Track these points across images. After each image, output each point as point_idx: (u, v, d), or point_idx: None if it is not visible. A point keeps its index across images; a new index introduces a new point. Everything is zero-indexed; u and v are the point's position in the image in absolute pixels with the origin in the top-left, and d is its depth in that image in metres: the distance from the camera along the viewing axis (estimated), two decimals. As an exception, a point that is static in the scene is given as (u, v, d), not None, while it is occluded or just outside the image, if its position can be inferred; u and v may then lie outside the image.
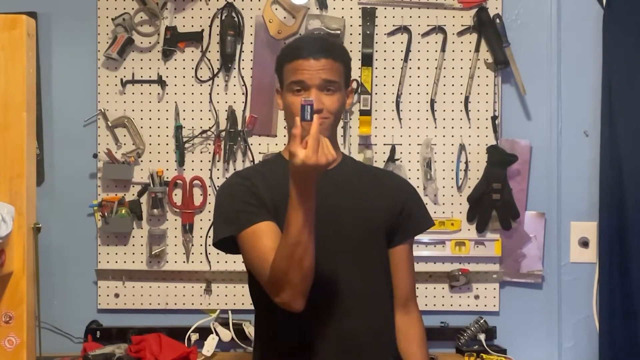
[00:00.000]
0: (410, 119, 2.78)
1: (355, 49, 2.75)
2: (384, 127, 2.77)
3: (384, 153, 2.75)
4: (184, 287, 2.78)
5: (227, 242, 1.87)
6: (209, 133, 2.77)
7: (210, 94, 2.77)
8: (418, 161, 2.77)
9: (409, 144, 2.77)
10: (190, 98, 2.78)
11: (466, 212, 2.76)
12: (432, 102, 2.77)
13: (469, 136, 2.77)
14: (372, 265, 1.91)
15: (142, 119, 2.77)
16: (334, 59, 1.86)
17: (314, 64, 1.83)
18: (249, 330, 2.66)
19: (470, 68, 2.76)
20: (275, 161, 1.99)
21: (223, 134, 2.76)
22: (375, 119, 2.77)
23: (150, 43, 2.77)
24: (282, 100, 1.91)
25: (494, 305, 2.78)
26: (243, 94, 2.78)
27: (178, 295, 2.79)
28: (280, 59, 1.92)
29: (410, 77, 2.78)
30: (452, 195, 2.77)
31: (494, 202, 2.73)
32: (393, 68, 2.78)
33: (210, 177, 2.76)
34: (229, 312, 2.73)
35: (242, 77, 2.77)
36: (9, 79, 2.02)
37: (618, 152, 2.66)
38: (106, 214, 2.72)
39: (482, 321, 2.72)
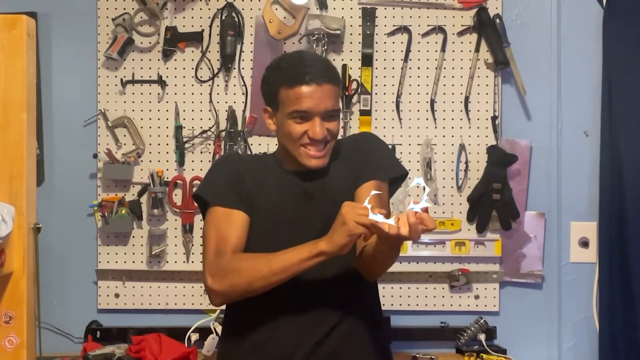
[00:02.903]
0: (410, 119, 2.78)
1: (355, 49, 2.75)
2: (384, 127, 2.77)
3: (384, 153, 2.75)
4: (184, 287, 2.78)
5: (200, 201, 1.92)
6: (209, 133, 2.77)
7: (210, 94, 2.77)
8: (418, 161, 2.77)
9: (409, 144, 2.77)
10: (190, 98, 2.78)
11: (466, 212, 2.76)
12: (432, 102, 2.77)
13: (469, 136, 2.77)
14: (357, 281, 1.85)
15: (142, 119, 2.77)
16: (334, 83, 1.81)
17: (317, 91, 1.76)
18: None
19: (470, 68, 2.76)
20: (270, 163, 1.94)
21: (223, 134, 2.76)
22: (375, 119, 2.77)
23: (150, 43, 2.78)
24: (277, 124, 1.86)
25: (494, 306, 2.78)
26: (243, 94, 2.78)
27: (178, 295, 2.79)
28: (273, 81, 1.83)
29: (410, 77, 2.78)
30: (452, 195, 2.77)
31: (494, 202, 2.72)
32: (393, 68, 2.78)
33: (210, 177, 2.76)
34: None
35: (242, 77, 2.77)
36: (9, 79, 2.03)
37: (618, 152, 2.66)
38: (106, 214, 2.72)
39: (482, 321, 2.72)
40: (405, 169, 1.96)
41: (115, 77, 2.77)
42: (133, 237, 2.77)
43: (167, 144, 2.77)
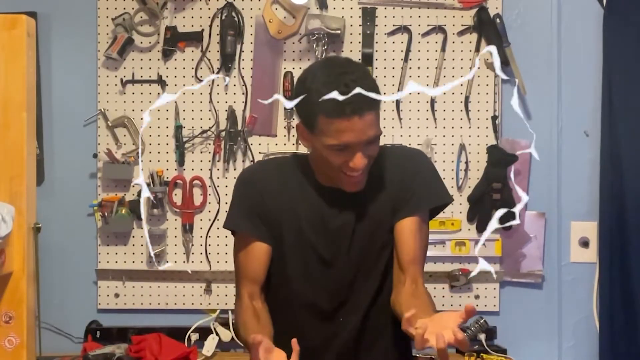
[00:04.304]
0: (410, 118, 2.78)
1: (355, 49, 2.75)
2: (384, 127, 2.76)
3: (384, 153, 2.75)
4: (184, 287, 2.78)
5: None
6: (209, 133, 2.77)
7: (210, 94, 2.77)
8: (418, 161, 2.76)
9: (409, 144, 2.77)
10: (190, 98, 2.78)
11: (466, 212, 2.76)
12: (432, 102, 2.77)
13: (469, 136, 2.77)
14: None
15: (142, 118, 2.77)
16: (377, 108, 1.68)
17: (359, 124, 1.63)
18: (249, 330, 2.66)
19: (470, 68, 2.76)
20: (300, 175, 1.85)
21: (223, 134, 2.76)
22: (375, 118, 2.76)
23: (150, 43, 2.77)
24: (314, 146, 1.74)
25: (494, 305, 2.78)
26: (243, 93, 2.78)
27: (178, 295, 2.79)
28: (311, 105, 1.64)
29: (410, 77, 2.78)
30: (452, 195, 2.76)
31: (494, 202, 2.72)
32: (393, 68, 2.78)
33: (210, 177, 2.76)
34: (229, 312, 2.73)
35: (242, 77, 2.77)
36: (9, 79, 2.02)
37: (618, 152, 2.66)
38: (106, 214, 2.72)
39: (482, 321, 2.72)
40: (451, 196, 1.91)
41: (115, 76, 2.77)
42: (133, 237, 2.77)
43: (167, 144, 2.77)
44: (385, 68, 2.77)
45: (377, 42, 2.76)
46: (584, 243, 2.79)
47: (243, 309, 1.82)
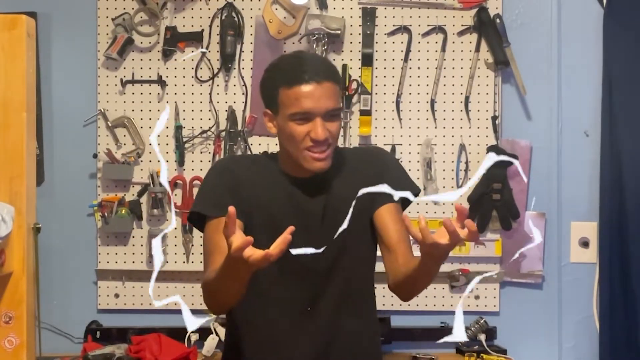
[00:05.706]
0: (410, 119, 2.78)
1: (355, 49, 2.75)
2: (384, 127, 2.77)
3: (384, 153, 2.75)
4: (184, 287, 2.78)
5: (198, 217, 1.85)
6: (209, 133, 2.77)
7: (210, 94, 2.77)
8: (418, 161, 2.77)
9: (409, 144, 2.77)
10: (190, 98, 2.78)
11: (466, 212, 2.76)
12: (432, 102, 2.77)
13: (469, 136, 2.77)
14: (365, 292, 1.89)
15: (142, 119, 2.77)
16: (335, 81, 1.75)
17: (317, 90, 1.71)
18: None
19: (470, 68, 2.76)
20: (271, 169, 1.87)
21: (223, 134, 2.77)
22: (376, 119, 2.77)
23: (150, 43, 2.77)
24: (279, 127, 1.78)
25: (494, 306, 2.78)
26: (243, 94, 2.78)
27: (178, 295, 2.78)
28: (272, 82, 1.78)
29: (410, 77, 2.78)
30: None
31: (494, 202, 2.72)
32: (393, 68, 2.77)
33: (210, 177, 2.76)
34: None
35: (242, 77, 2.77)
36: (9, 79, 2.03)
37: (618, 152, 2.66)
38: (106, 214, 2.72)
39: (482, 321, 2.72)
40: (418, 187, 1.93)
41: (115, 77, 2.77)
42: (133, 237, 2.77)
43: (167, 144, 2.77)
44: (385, 68, 2.77)
45: (377, 42, 2.76)
46: (584, 243, 2.79)
47: (211, 271, 1.76)
